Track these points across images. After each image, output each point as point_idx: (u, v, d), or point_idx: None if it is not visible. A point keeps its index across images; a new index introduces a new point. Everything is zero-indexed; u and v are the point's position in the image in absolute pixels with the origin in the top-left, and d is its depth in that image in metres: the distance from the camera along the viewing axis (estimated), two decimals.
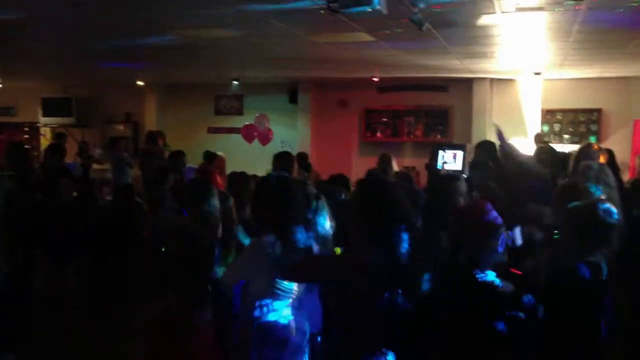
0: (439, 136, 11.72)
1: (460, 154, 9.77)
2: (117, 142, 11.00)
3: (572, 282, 2.63)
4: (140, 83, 12.37)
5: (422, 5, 5.15)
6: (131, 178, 9.33)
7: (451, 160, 9.42)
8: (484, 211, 3.00)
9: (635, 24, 5.98)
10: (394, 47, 7.55)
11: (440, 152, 9.82)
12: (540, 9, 5.43)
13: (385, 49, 7.71)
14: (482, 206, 3.18)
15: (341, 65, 9.48)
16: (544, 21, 6.08)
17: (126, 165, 9.71)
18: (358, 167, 10.32)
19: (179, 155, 7.57)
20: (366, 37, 6.82)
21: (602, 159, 5.03)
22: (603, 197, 3.56)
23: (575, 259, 2.66)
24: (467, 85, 11.29)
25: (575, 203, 2.91)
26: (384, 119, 12.07)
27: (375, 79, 11.10)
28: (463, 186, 3.78)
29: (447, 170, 8.90)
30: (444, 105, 11.75)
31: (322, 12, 4.81)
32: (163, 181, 5.65)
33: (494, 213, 2.93)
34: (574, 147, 10.48)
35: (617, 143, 10.17)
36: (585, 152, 5.23)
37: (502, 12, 5.62)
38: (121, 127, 13.45)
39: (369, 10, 4.51)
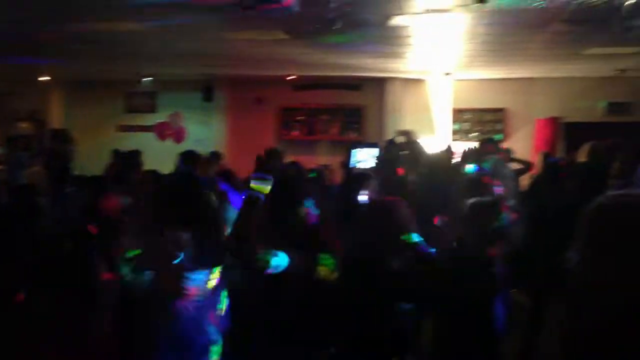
0: (354, 134, 11.89)
1: (373, 152, 9.95)
2: (16, 141, 10.40)
3: (473, 273, 2.75)
4: (45, 79, 11.79)
5: (334, 5, 5.20)
6: (26, 178, 8.86)
7: (365, 158, 9.57)
8: (394, 207, 3.08)
9: (538, 26, 6.31)
10: (309, 45, 7.58)
11: (355, 150, 9.96)
12: (447, 11, 5.61)
13: (300, 47, 7.74)
14: (393, 203, 3.27)
15: (257, 63, 9.43)
16: (453, 23, 6.29)
17: (21, 165, 9.22)
18: None
19: (136, 155, 7.40)
20: (281, 35, 6.81)
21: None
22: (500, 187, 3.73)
23: (476, 251, 2.78)
24: (380, 84, 11.52)
25: (476, 198, 3.04)
26: (301, 117, 12.12)
27: (291, 77, 11.12)
28: (373, 183, 3.86)
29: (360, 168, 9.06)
30: (358, 104, 11.94)
31: (236, 9, 4.75)
32: (64, 181, 5.42)
33: (405, 209, 3.02)
34: None
35: (520, 141, 10.73)
36: (485, 147, 5.54)
37: (412, 14, 5.77)
38: (25, 125, 12.76)
39: (282, 7, 4.51)
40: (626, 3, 4.86)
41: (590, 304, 2.10)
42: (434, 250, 3.09)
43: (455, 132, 11.40)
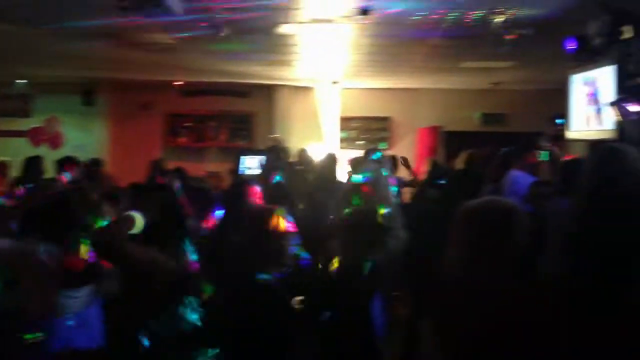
0: (242, 142, 11.81)
1: (262, 159, 9.92)
2: None
3: (351, 279, 2.81)
4: None
5: (220, 11, 5.15)
6: None
7: (254, 166, 9.54)
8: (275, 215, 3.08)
9: (421, 38, 6.57)
10: (196, 51, 7.45)
11: (244, 158, 9.91)
12: (332, 21, 5.72)
13: (187, 53, 7.58)
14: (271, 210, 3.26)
15: (142, 68, 9.12)
16: (337, 33, 6.42)
17: None
18: None
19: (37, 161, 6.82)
20: (166, 39, 6.63)
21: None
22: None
23: (355, 257, 2.84)
24: (269, 91, 11.53)
25: (354, 207, 3.10)
26: (189, 124, 11.87)
27: (179, 83, 10.87)
28: (256, 190, 3.84)
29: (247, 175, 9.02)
30: (247, 111, 11.88)
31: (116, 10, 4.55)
32: None
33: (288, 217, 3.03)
34: None
35: (405, 149, 11.09)
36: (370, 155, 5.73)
37: (298, 22, 5.83)
38: None
39: (162, 11, 4.40)
40: (495, 20, 5.18)
41: (463, 304, 2.21)
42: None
43: (342, 140, 11.63)
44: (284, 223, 2.93)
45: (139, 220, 2.51)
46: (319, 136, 11.39)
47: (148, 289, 2.42)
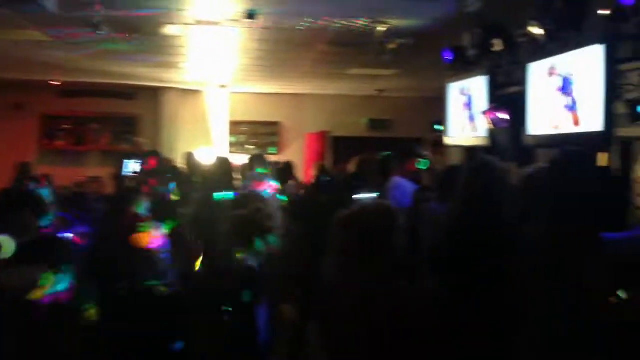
0: (127, 145, 11.38)
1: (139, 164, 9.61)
2: None
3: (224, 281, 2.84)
4: None
5: (99, 9, 4.92)
6: None
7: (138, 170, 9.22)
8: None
9: (305, 46, 6.65)
10: (74, 50, 7.08)
11: (128, 162, 9.54)
12: (218, 24, 5.65)
13: (64, 52, 7.19)
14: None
15: (15, 65, 8.54)
16: (225, 37, 6.36)
17: None
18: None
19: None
20: (41, 36, 6.25)
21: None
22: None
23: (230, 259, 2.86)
24: (155, 94, 11.20)
25: (240, 211, 3.09)
26: (67, 126, 11.26)
27: (56, 83, 10.28)
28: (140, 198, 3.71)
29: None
30: (132, 114, 11.47)
31: None
32: None
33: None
34: None
35: (294, 153, 11.19)
36: (258, 160, 5.74)
37: (184, 24, 5.71)
38: None
39: (38, 8, 4.15)
40: (378, 29, 5.35)
41: (344, 309, 2.24)
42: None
43: (232, 145, 11.53)
44: (148, 239, 2.92)
45: (7, 244, 2.29)
46: (208, 140, 11.23)
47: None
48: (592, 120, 3.74)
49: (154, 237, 2.89)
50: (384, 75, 8.84)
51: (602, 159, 6.67)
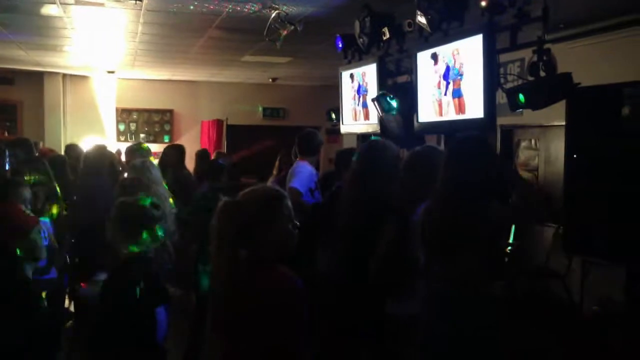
0: (6, 133, 10.61)
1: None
2: None
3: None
4: None
5: None
6: None
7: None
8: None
9: (195, 31, 6.45)
10: None
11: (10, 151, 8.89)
12: (101, 4, 5.35)
13: None
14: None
15: None
16: (109, 18, 6.04)
17: None
18: None
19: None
20: None
21: (152, 158, 5.33)
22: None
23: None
24: (38, 79, 10.53)
25: (124, 198, 2.95)
26: None
27: None
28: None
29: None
30: (11, 100, 10.71)
31: None
32: None
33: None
34: (151, 146, 10.97)
35: (188, 141, 10.89)
36: (135, 150, 5.61)
37: (61, 4, 5.36)
38: None
39: None
40: (269, 14, 5.27)
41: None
42: None
43: (121, 133, 11.08)
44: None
45: None
46: (97, 128, 10.74)
47: None
48: (475, 108, 3.88)
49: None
50: (278, 63, 8.80)
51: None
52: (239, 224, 2.05)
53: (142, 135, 11.31)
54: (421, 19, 4.26)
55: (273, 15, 5.34)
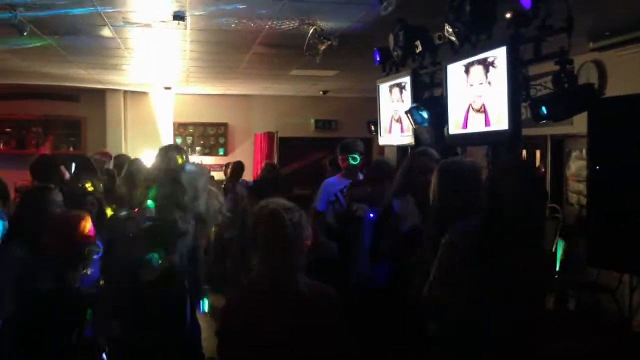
0: (71, 148, 11.21)
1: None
2: None
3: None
4: None
5: (21, 9, 4.87)
6: None
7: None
8: (77, 224, 3.05)
9: (238, 47, 6.67)
10: (5, 51, 6.95)
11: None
12: (148, 25, 5.64)
13: None
14: (77, 219, 3.19)
15: None
16: (159, 38, 6.33)
17: None
18: None
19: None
20: None
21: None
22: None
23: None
24: (100, 96, 11.08)
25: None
26: (7, 130, 11.04)
27: None
28: (58, 196, 3.70)
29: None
30: (76, 116, 11.30)
31: None
32: None
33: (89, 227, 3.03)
34: (205, 159, 11.33)
35: (242, 154, 11.22)
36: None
37: (113, 26, 5.67)
38: None
39: None
40: (307, 30, 5.42)
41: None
42: None
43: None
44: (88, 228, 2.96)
45: None
46: (155, 142, 11.15)
47: None
48: (500, 119, 3.87)
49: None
50: (326, 77, 8.94)
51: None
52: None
53: (197, 149, 11.69)
54: (449, 31, 4.30)
55: (311, 31, 5.49)
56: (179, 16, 5.15)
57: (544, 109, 3.42)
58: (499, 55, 3.84)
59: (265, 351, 2.16)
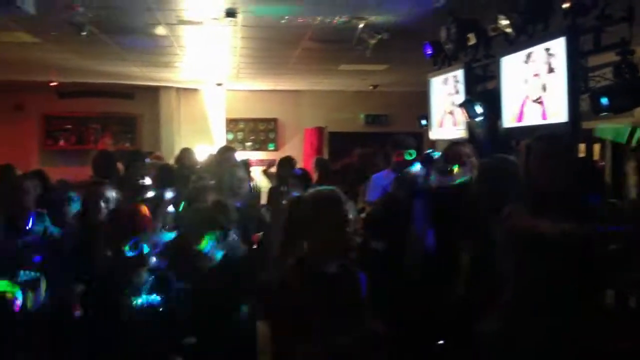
0: (127, 144, 11.49)
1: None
2: None
3: None
4: None
5: (81, 9, 5.02)
6: None
7: None
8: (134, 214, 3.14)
9: (287, 42, 6.70)
10: (65, 50, 7.19)
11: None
12: (200, 23, 5.72)
13: (55, 52, 7.30)
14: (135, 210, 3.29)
15: (10, 66, 8.68)
16: (210, 35, 6.43)
17: None
18: None
19: None
20: (28, 37, 6.37)
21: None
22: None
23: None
24: (153, 93, 11.30)
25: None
26: (68, 126, 11.42)
27: (53, 83, 10.40)
28: (111, 191, 3.82)
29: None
30: (131, 113, 11.59)
31: None
32: None
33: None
34: (256, 154, 11.44)
35: (292, 149, 11.25)
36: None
37: (166, 24, 5.78)
38: None
39: (16, 10, 4.25)
40: (357, 25, 5.39)
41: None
42: None
43: (230, 142, 11.62)
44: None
45: None
46: (206, 138, 11.32)
47: None
48: (559, 112, 3.77)
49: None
50: (376, 71, 8.88)
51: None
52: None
53: (248, 144, 11.81)
54: (504, 23, 4.21)
55: (361, 25, 5.46)
56: (230, 13, 5.21)
57: (604, 100, 3.31)
58: (557, 46, 3.74)
59: (309, 330, 2.22)
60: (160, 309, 2.76)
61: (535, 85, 4.05)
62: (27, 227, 3.58)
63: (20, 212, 3.61)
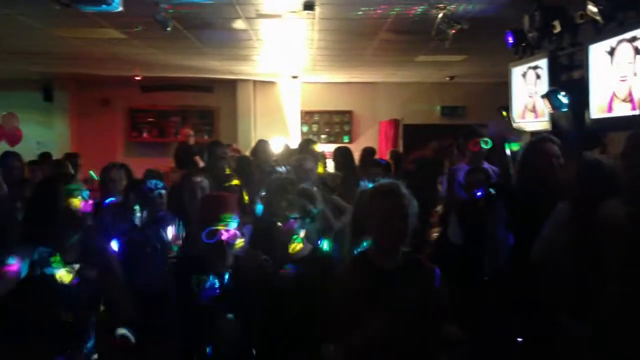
0: (206, 137, 11.79)
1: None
2: None
3: None
4: None
5: (164, 5, 5.18)
6: None
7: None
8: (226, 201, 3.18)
9: (366, 34, 6.67)
10: (149, 45, 7.45)
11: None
12: (278, 16, 5.79)
13: (140, 47, 7.58)
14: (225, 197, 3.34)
15: (98, 62, 9.10)
16: (288, 28, 6.49)
17: None
18: None
19: None
20: (115, 33, 6.64)
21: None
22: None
23: None
24: (231, 86, 11.56)
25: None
26: (150, 119, 11.86)
27: (137, 78, 10.83)
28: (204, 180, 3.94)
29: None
30: (210, 106, 11.89)
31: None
32: None
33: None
34: (331, 146, 11.47)
35: (366, 142, 11.20)
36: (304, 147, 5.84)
37: (246, 18, 5.88)
38: None
39: (104, 7, 4.43)
40: (436, 15, 5.30)
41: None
42: None
43: (305, 134, 11.72)
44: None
45: None
46: (282, 130, 11.46)
47: None
48: None
49: None
50: (453, 62, 8.71)
51: None
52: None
53: (323, 136, 11.86)
54: (593, 9, 4.02)
55: (440, 15, 5.36)
56: (308, 6, 5.24)
57: None
58: None
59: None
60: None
61: (625, 74, 3.85)
62: None
63: None
